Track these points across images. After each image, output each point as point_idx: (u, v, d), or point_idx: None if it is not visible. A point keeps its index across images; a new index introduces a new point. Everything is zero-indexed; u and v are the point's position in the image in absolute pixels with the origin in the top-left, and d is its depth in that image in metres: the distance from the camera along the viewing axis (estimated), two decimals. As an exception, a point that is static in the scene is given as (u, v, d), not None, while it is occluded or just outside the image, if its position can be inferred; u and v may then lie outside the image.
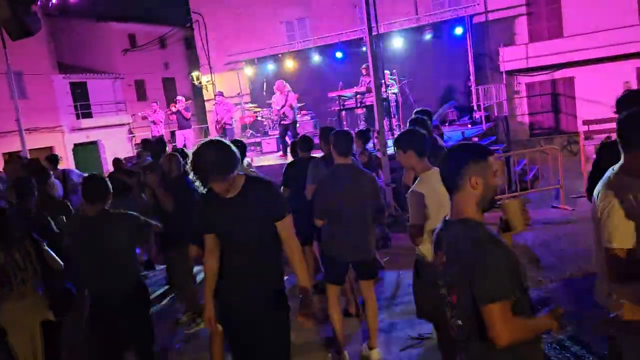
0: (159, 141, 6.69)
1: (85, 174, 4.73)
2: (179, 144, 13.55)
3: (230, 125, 12.27)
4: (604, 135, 15.34)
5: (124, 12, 27.60)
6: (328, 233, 4.15)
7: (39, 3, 10.90)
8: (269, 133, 14.84)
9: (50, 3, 10.72)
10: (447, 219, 2.10)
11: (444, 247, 2.08)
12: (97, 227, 3.64)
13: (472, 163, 1.99)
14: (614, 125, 2.46)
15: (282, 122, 11.75)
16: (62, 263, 3.93)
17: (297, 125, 12.50)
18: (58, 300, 4.00)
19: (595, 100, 16.20)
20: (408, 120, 5.26)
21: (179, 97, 13.90)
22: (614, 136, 2.51)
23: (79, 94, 24.57)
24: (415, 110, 5.56)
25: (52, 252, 3.88)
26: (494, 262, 1.86)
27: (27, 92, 20.57)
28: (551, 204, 9.49)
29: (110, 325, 3.68)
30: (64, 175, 7.34)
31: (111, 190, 3.77)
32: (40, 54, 21.89)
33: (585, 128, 15.89)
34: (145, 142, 8.03)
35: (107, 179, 3.83)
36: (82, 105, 24.39)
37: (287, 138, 11.91)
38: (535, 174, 11.60)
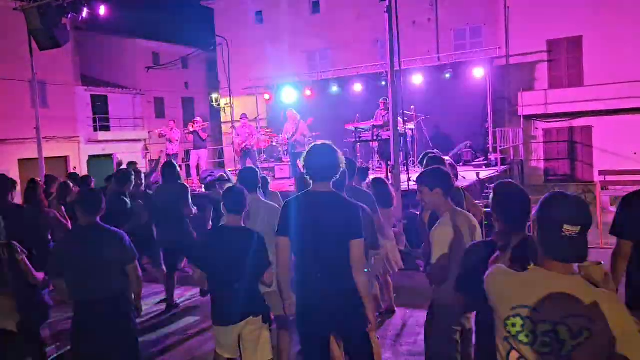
0: (169, 165, 6.81)
1: None
2: (193, 163, 13.60)
3: (251, 147, 12.33)
4: (620, 187, 15.25)
5: (150, 31, 28.19)
6: None
7: (69, 16, 11.08)
8: (283, 159, 14.86)
9: (81, 17, 10.89)
10: None
11: None
12: (88, 238, 3.68)
13: None
14: (630, 177, 2.44)
15: (294, 151, 11.77)
16: (36, 277, 3.92)
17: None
18: (32, 311, 3.98)
19: (613, 152, 16.09)
20: (425, 159, 5.21)
21: (197, 118, 14.01)
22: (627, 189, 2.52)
23: (99, 106, 24.92)
24: (425, 152, 5.58)
25: (29, 264, 3.89)
26: None
27: (48, 101, 20.89)
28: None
29: (91, 339, 3.64)
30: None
31: (104, 205, 3.81)
32: (65, 65, 22.31)
33: (602, 178, 15.76)
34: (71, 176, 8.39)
35: (101, 194, 3.88)
36: (101, 118, 24.72)
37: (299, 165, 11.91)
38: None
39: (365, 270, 3.17)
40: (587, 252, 1.91)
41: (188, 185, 6.85)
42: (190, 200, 6.52)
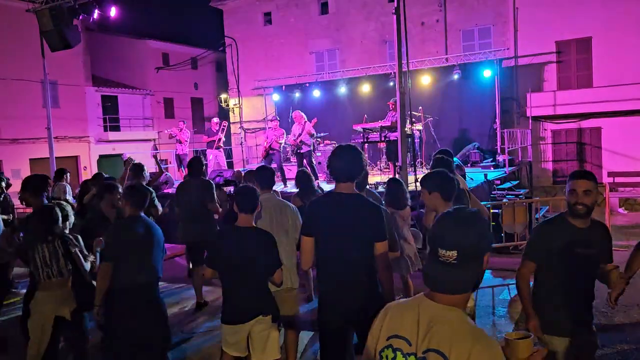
0: (198, 160, 6.92)
1: None
2: (211, 161, 13.67)
3: (276, 150, 12.43)
4: (629, 188, 15.16)
5: (160, 32, 28.41)
6: None
7: (80, 17, 11.22)
8: (291, 160, 14.91)
9: (92, 18, 11.02)
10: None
11: None
12: (139, 228, 3.94)
13: None
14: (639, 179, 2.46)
15: (298, 152, 11.82)
16: (87, 269, 4.19)
17: (317, 154, 12.53)
18: (84, 300, 4.20)
19: (622, 153, 16.01)
20: (432, 160, 5.24)
21: (215, 119, 13.98)
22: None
23: (109, 107, 25.10)
24: (437, 151, 5.53)
25: (81, 257, 4.16)
26: None
27: (59, 101, 21.09)
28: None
29: (132, 322, 3.84)
30: None
31: (147, 201, 4.15)
32: (76, 65, 22.51)
33: (611, 180, 15.68)
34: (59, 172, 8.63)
35: (148, 190, 4.28)
36: (111, 118, 24.90)
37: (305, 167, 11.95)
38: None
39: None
40: (462, 285, 1.62)
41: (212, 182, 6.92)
42: (215, 196, 6.49)
